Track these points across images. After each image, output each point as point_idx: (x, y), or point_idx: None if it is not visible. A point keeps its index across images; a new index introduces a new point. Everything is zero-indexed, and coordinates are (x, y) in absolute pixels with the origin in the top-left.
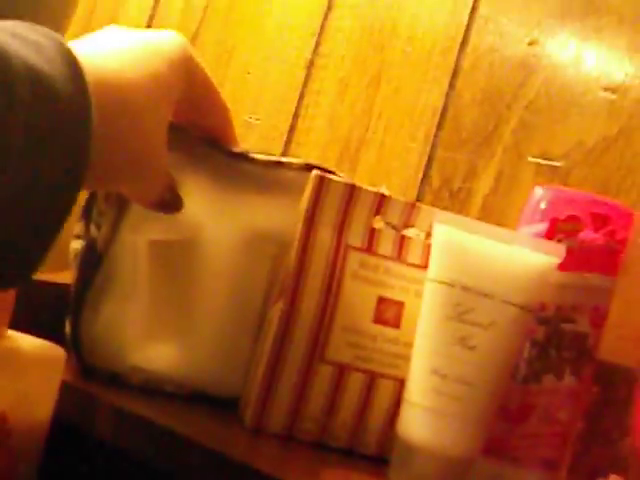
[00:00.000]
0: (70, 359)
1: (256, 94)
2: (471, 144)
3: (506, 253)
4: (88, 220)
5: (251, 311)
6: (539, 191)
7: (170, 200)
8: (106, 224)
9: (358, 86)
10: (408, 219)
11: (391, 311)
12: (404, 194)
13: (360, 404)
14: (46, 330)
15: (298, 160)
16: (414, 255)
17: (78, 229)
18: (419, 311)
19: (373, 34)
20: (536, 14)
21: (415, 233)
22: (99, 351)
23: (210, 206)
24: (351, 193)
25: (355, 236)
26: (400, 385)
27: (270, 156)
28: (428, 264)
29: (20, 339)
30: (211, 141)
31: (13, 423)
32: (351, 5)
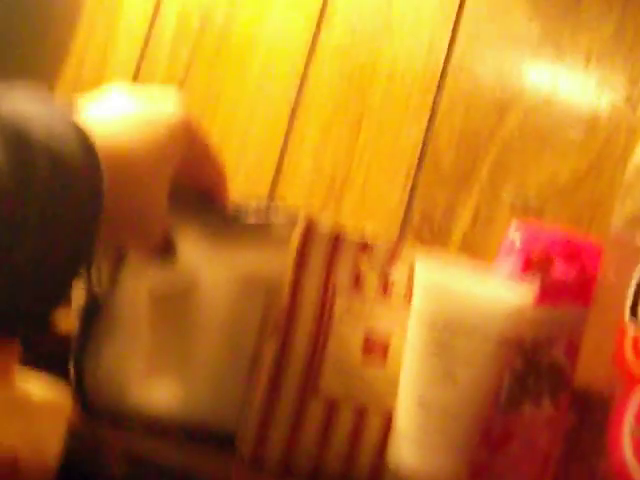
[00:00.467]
0: (76, 403)
1: (242, 137)
2: (450, 183)
3: (484, 291)
4: (89, 273)
5: (245, 350)
6: (513, 228)
7: (166, 247)
8: (105, 276)
9: (341, 128)
10: (392, 259)
11: (378, 348)
12: (387, 231)
13: (351, 437)
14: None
15: (285, 215)
16: (399, 294)
17: (79, 282)
18: (404, 347)
19: (353, 77)
20: (509, 59)
21: (399, 274)
22: (102, 395)
23: (205, 255)
24: (336, 242)
25: (342, 278)
26: (389, 418)
27: (259, 210)
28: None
29: (29, 384)
30: (207, 200)
31: (24, 464)
32: (332, 50)
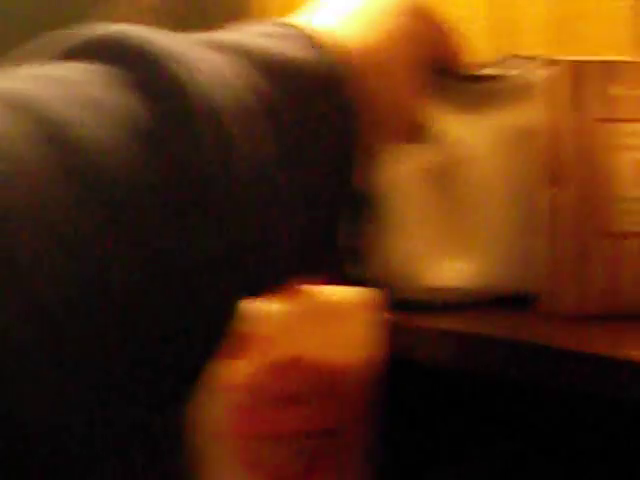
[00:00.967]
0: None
1: None
2: None
3: None
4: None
5: (525, 206)
6: None
7: (418, 132)
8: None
9: None
10: None
11: None
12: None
13: None
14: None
15: (523, 59)
16: None
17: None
18: None
19: None
20: None
21: None
22: (398, 284)
23: (462, 122)
24: (581, 69)
25: (598, 109)
26: None
27: (500, 65)
28: None
29: (327, 291)
30: (448, 71)
31: (345, 371)
32: None
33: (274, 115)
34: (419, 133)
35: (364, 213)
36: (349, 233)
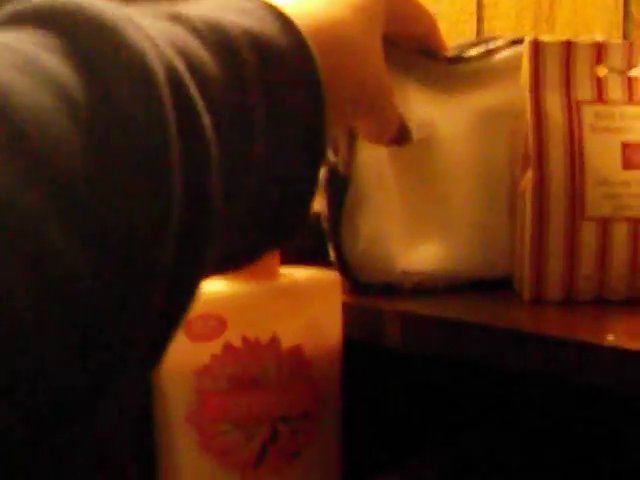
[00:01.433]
0: (343, 281)
1: None
2: None
3: None
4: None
5: (500, 188)
6: None
7: (403, 134)
8: (342, 146)
9: None
10: (630, 60)
11: (638, 154)
12: (609, 37)
13: (630, 252)
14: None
15: (504, 39)
16: None
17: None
18: None
19: None
20: None
21: None
22: (368, 267)
23: (437, 104)
24: (568, 49)
25: (583, 90)
26: None
27: (479, 46)
28: None
29: (293, 273)
30: (424, 50)
31: (308, 353)
32: None
33: (238, 83)
34: (398, 135)
35: (335, 194)
36: (319, 214)
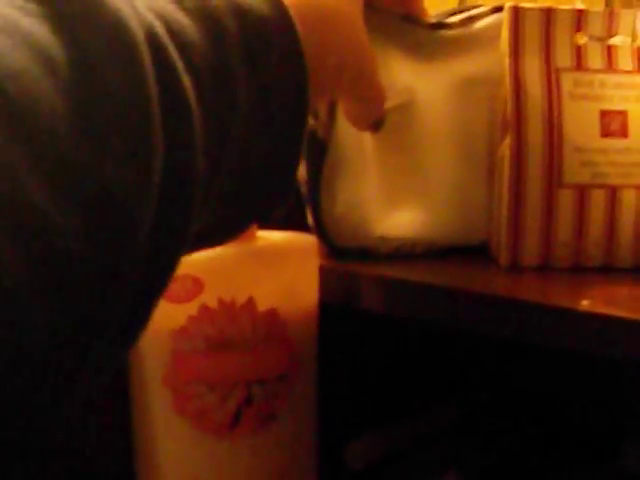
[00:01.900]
0: (320, 245)
1: None
2: None
3: None
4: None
5: (479, 156)
6: None
7: (381, 120)
8: (322, 111)
9: None
10: (611, 28)
11: (616, 122)
12: (591, 5)
13: (607, 220)
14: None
15: (486, 7)
16: (625, 62)
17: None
18: None
19: None
20: None
21: (621, 40)
22: (345, 232)
23: (417, 70)
24: (548, 16)
25: (562, 57)
26: None
27: (461, 13)
28: None
29: (270, 236)
30: (405, 16)
31: (284, 315)
32: None
33: (218, 49)
34: (379, 120)
35: (313, 158)
36: (298, 179)
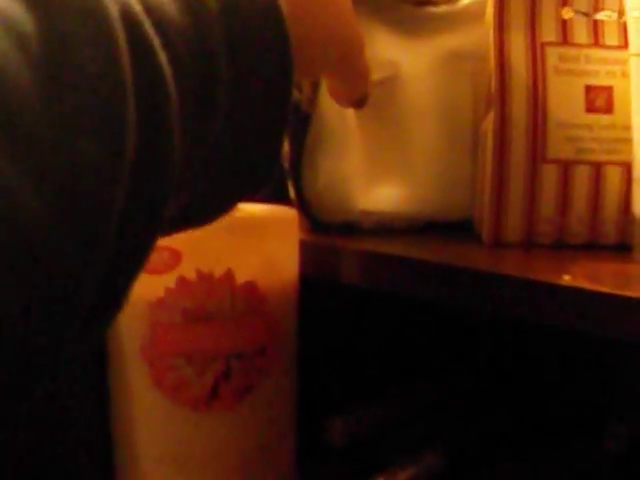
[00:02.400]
0: (301, 219)
1: None
2: None
3: None
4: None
5: (463, 131)
6: None
7: (365, 96)
8: (306, 84)
9: None
10: (597, 3)
11: (601, 97)
12: None
13: (591, 196)
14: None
15: None
16: (611, 37)
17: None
18: (629, 91)
19: None
20: None
21: (607, 15)
22: (327, 206)
23: (402, 45)
24: None
25: (548, 32)
26: (627, 168)
27: None
28: (627, 42)
29: (250, 208)
30: None
31: (263, 289)
32: None
33: (198, 27)
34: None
35: (296, 132)
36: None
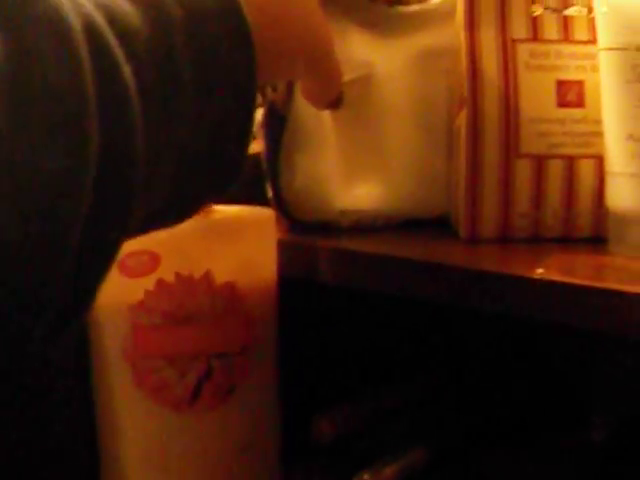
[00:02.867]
0: (279, 219)
1: None
2: None
3: None
4: (262, 86)
5: (439, 127)
6: None
7: (338, 98)
8: (281, 84)
9: None
10: None
11: (572, 92)
12: None
13: (565, 190)
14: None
15: None
16: (581, 32)
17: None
18: (600, 85)
19: None
20: None
21: (577, 10)
22: (305, 205)
23: (374, 44)
24: None
25: (518, 29)
26: (599, 161)
27: None
28: (597, 37)
29: (227, 210)
30: None
31: (242, 289)
32: None
33: (162, 36)
34: (337, 98)
35: (273, 132)
36: (257, 153)
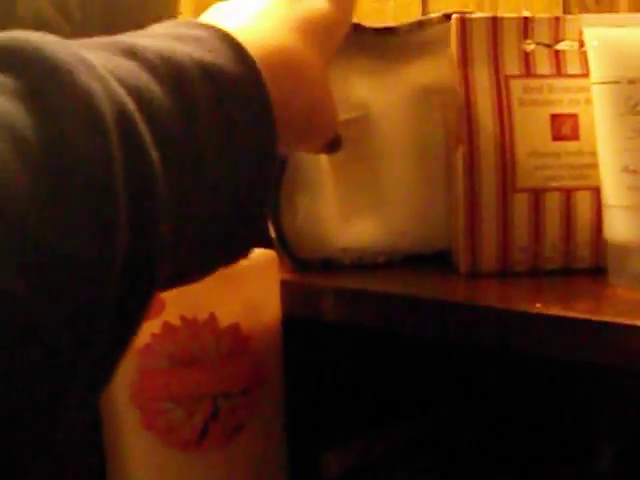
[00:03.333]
0: (282, 259)
1: None
2: None
3: None
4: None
5: (437, 163)
6: None
7: (335, 142)
8: None
9: None
10: (557, 34)
11: (567, 125)
12: (552, 13)
13: (563, 222)
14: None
15: (436, 14)
16: (573, 66)
17: None
18: (593, 117)
19: None
20: None
21: (568, 45)
22: (306, 244)
23: (370, 82)
24: (494, 25)
25: (511, 65)
26: (596, 193)
27: (414, 25)
28: (589, 71)
29: None
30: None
31: (247, 330)
32: None
33: (189, 116)
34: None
35: (277, 170)
36: None
